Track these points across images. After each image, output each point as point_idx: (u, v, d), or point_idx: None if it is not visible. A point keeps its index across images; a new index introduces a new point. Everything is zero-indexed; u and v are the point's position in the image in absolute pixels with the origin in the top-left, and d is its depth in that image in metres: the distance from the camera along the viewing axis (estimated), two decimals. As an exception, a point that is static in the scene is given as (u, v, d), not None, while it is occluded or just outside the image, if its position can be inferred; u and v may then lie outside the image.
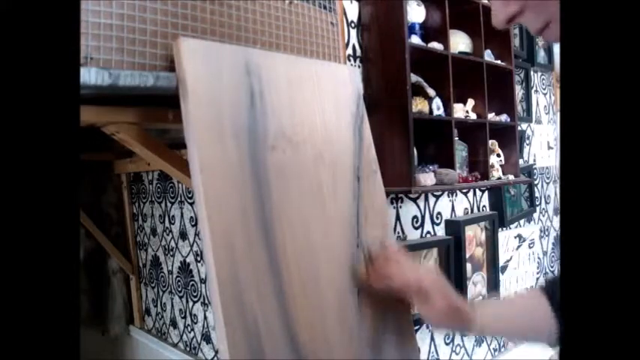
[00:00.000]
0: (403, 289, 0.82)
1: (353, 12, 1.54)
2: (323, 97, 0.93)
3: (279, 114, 0.83)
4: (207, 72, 0.74)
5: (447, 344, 1.82)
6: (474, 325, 0.79)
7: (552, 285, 0.79)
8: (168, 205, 1.84)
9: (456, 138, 1.61)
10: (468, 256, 1.84)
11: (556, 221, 2.52)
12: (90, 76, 0.66)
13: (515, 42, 2.19)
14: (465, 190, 1.90)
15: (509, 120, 1.86)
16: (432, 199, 1.76)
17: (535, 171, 2.34)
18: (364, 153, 0.99)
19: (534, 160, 2.35)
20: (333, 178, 0.89)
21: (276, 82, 0.83)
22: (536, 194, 2.35)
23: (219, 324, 0.66)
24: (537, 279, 2.36)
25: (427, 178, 1.47)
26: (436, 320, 0.82)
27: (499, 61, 1.83)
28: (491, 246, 1.97)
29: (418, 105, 1.48)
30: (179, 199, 1.78)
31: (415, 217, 1.70)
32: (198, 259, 1.72)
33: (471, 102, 1.72)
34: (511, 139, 1.87)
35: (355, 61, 1.54)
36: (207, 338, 1.73)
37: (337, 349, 0.81)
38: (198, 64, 0.73)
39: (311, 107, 0.90)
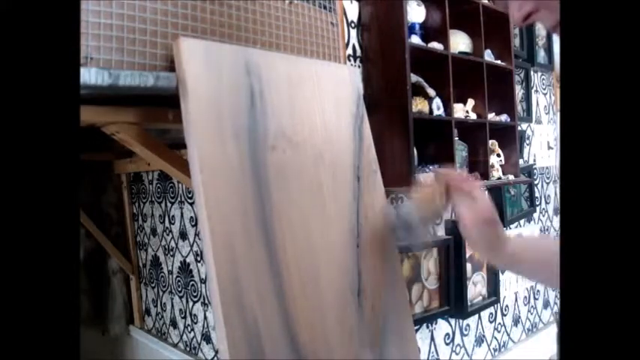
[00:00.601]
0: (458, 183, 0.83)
1: (353, 12, 1.54)
2: (323, 97, 0.93)
3: (279, 114, 0.83)
4: (207, 72, 0.74)
5: (447, 344, 1.82)
6: (507, 247, 0.79)
7: None
8: (168, 205, 1.84)
9: (456, 138, 1.61)
10: (467, 256, 1.84)
11: (556, 221, 2.52)
12: (90, 76, 0.66)
13: (516, 42, 2.19)
14: (465, 190, 1.89)
15: (509, 120, 1.85)
16: (432, 199, 1.76)
17: (535, 171, 2.34)
18: (364, 153, 0.99)
19: (534, 160, 2.35)
20: (333, 178, 0.89)
21: (276, 82, 0.83)
22: (536, 194, 2.35)
23: (219, 324, 0.66)
24: (537, 279, 2.36)
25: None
26: (473, 222, 0.81)
27: (499, 61, 1.83)
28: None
29: (418, 105, 1.48)
30: (179, 199, 1.78)
31: (415, 217, 1.70)
32: (198, 259, 1.72)
33: (471, 102, 1.72)
34: (511, 139, 1.87)
35: (355, 61, 1.54)
36: (207, 338, 1.73)
37: (337, 349, 0.81)
38: (198, 64, 0.73)
39: (311, 107, 0.90)
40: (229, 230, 0.70)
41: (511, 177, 1.86)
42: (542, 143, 2.42)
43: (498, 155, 1.87)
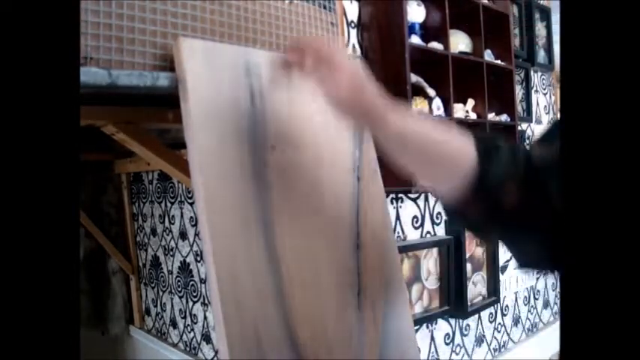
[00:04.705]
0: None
1: (353, 12, 1.54)
2: (323, 97, 0.92)
3: (279, 114, 0.83)
4: (207, 72, 0.74)
5: (447, 344, 1.82)
6: (391, 125, 0.61)
7: (487, 141, 0.64)
8: (168, 205, 1.84)
9: (456, 138, 1.61)
10: (468, 256, 1.84)
11: (556, 221, 2.51)
12: (89, 76, 0.66)
13: (516, 42, 2.19)
14: (465, 190, 1.90)
15: (509, 120, 1.86)
16: (432, 199, 1.76)
17: (535, 171, 2.34)
18: (364, 153, 0.98)
19: (534, 160, 2.35)
20: (333, 179, 0.89)
21: (275, 82, 0.83)
22: (536, 194, 2.35)
23: (219, 324, 0.66)
24: (537, 278, 2.36)
25: (427, 178, 1.47)
26: (338, 98, 0.65)
27: (499, 61, 1.83)
28: (491, 246, 1.97)
29: (418, 105, 1.48)
30: (179, 199, 1.78)
31: (415, 217, 1.70)
32: (198, 259, 1.72)
33: (471, 102, 1.72)
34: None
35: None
36: (207, 338, 1.73)
37: (337, 349, 0.81)
38: (198, 64, 0.73)
39: (311, 107, 0.90)
40: (229, 230, 0.70)
41: (511, 177, 1.86)
42: (542, 143, 2.42)
43: (498, 155, 1.87)
